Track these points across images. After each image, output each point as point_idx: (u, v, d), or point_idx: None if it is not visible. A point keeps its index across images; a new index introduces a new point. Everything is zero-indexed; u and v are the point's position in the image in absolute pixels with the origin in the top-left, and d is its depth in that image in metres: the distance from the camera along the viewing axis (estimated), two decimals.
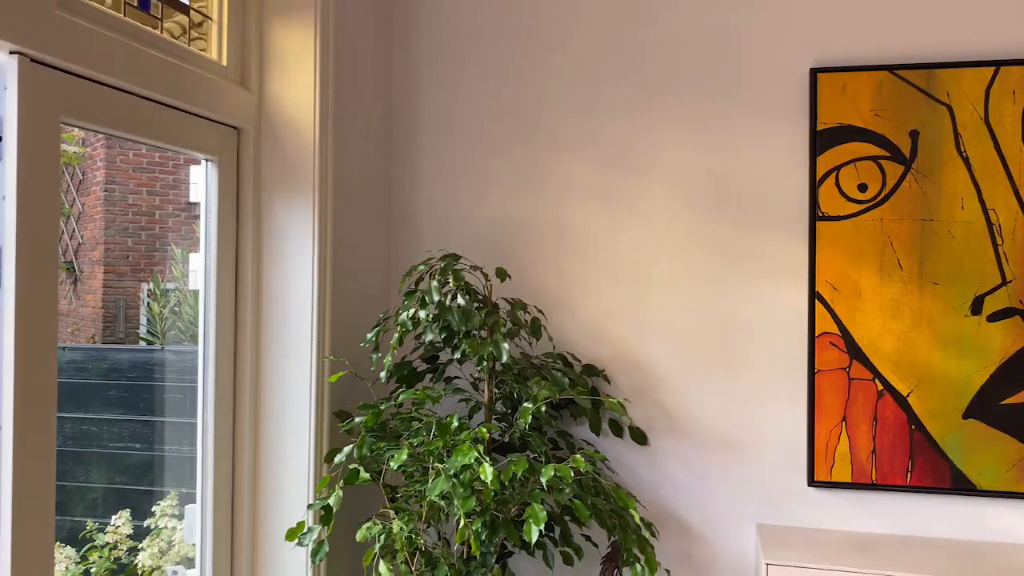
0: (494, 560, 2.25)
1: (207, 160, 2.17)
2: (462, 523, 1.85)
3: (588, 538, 2.33)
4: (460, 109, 2.70)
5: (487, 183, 2.67)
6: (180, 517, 3.13)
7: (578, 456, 1.96)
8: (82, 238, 4.92)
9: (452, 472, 1.91)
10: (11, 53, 1.51)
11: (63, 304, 4.12)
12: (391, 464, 1.93)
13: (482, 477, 1.91)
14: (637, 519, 1.98)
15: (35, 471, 1.53)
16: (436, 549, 2.23)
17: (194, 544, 2.25)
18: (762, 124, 2.48)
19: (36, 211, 1.54)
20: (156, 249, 8.35)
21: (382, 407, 2.20)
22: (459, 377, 2.48)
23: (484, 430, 2.03)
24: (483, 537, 2.16)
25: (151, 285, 4.27)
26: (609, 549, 2.30)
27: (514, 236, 2.64)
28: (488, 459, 1.96)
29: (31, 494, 1.52)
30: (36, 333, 1.54)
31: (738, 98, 2.50)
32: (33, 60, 1.55)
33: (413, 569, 2.11)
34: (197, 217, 2.32)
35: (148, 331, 3.99)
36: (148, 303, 4.09)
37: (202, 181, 2.22)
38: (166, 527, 3.03)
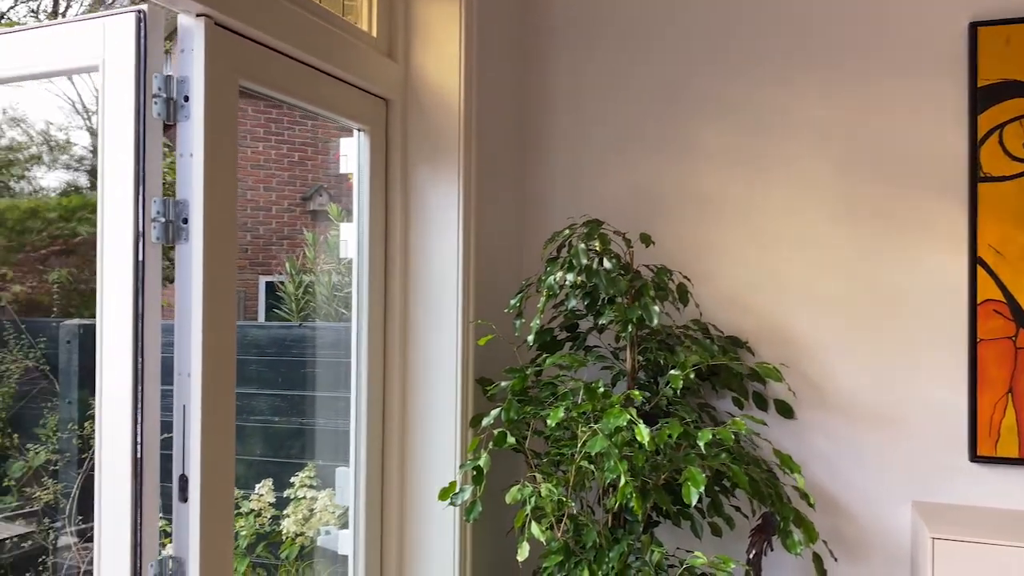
0: (641, 528, 2.23)
1: (359, 130, 2.23)
2: (623, 481, 1.83)
3: (738, 508, 2.28)
4: (594, 78, 2.69)
5: (623, 151, 2.65)
6: (317, 488, 3.23)
7: (738, 419, 1.91)
8: None
9: (607, 432, 1.90)
10: (198, 16, 1.58)
11: None
12: (548, 422, 1.94)
13: (637, 438, 1.89)
14: (801, 484, 1.92)
15: (219, 443, 1.60)
16: (582, 516, 2.22)
17: (344, 506, 2.31)
18: (917, 83, 2.37)
19: (219, 168, 1.61)
20: (273, 243, 8.64)
21: (527, 372, 2.20)
22: (598, 346, 2.47)
23: (636, 393, 2.01)
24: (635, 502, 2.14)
25: (287, 266, 4.41)
26: (759, 521, 2.25)
27: (650, 204, 2.61)
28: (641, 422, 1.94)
29: (216, 465, 1.59)
30: (221, 283, 1.61)
31: (891, 57, 2.40)
32: (217, 23, 1.62)
33: (560, 534, 2.11)
34: (314, 212, 2.38)
35: (284, 310, 4.15)
36: (283, 283, 4.25)
37: (353, 152, 2.28)
38: (305, 497, 3.14)
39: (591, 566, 2.14)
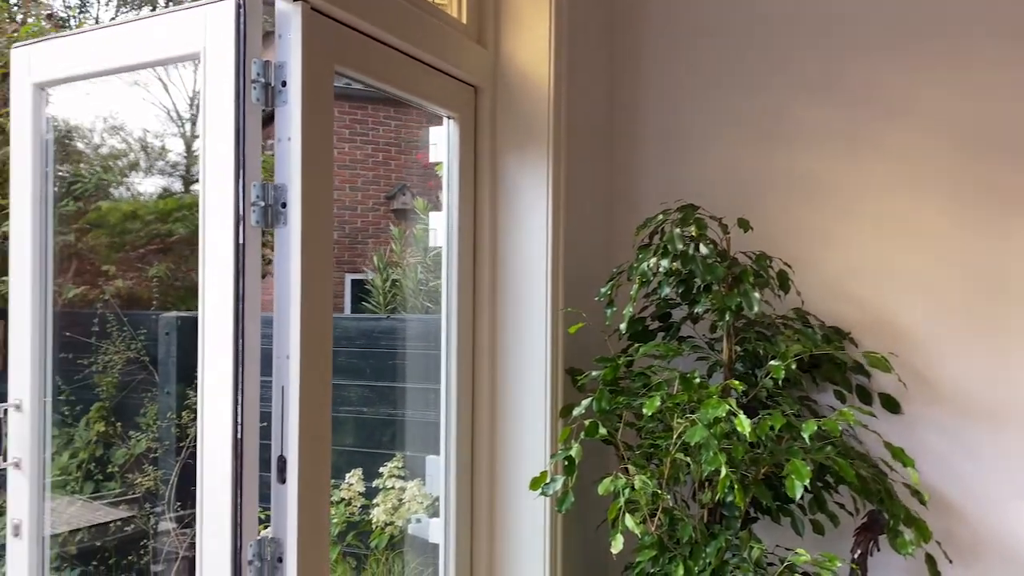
0: (739, 524, 2.15)
1: (449, 118, 2.22)
2: (723, 472, 1.77)
3: (842, 506, 2.18)
4: (684, 59, 2.62)
5: (716, 136, 2.57)
6: (406, 478, 3.25)
7: (846, 410, 1.82)
8: None
9: (705, 423, 1.83)
10: (295, 1, 1.59)
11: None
12: (644, 410, 1.88)
13: (738, 429, 1.82)
14: (915, 479, 1.81)
15: (316, 424, 1.61)
16: (676, 510, 2.16)
17: (434, 495, 2.31)
18: None
19: (316, 152, 1.62)
20: (358, 241, 8.78)
21: (619, 361, 2.16)
22: (692, 337, 2.40)
23: (736, 382, 1.94)
24: (733, 497, 2.07)
25: (375, 260, 4.48)
26: (865, 519, 2.14)
27: (746, 189, 2.52)
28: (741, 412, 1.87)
29: (313, 446, 1.60)
30: (318, 266, 1.62)
31: (1013, 29, 2.25)
32: (313, 8, 1.63)
33: (654, 528, 2.05)
34: (397, 211, 2.38)
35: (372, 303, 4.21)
36: (371, 277, 4.31)
37: (443, 141, 2.27)
38: (393, 487, 3.16)
39: (686, 562, 2.07)
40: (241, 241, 1.56)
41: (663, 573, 2.12)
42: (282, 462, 1.60)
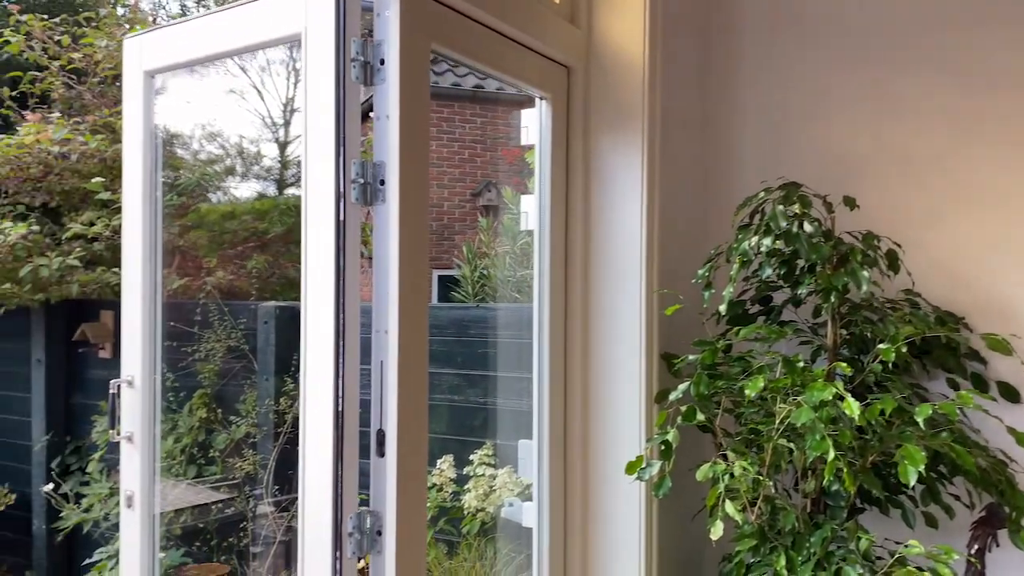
0: (844, 514, 2.07)
1: (541, 98, 2.20)
2: (831, 455, 1.69)
3: (957, 498, 2.06)
4: (781, 35, 2.53)
5: (816, 114, 2.48)
6: (496, 465, 3.25)
7: (964, 393, 1.72)
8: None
9: (812, 406, 1.76)
10: None
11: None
12: (747, 392, 1.83)
13: (846, 412, 1.74)
14: None
15: (413, 398, 1.61)
16: (778, 499, 2.09)
17: (527, 479, 2.30)
18: None
19: (413, 130, 1.63)
20: (445, 238, 8.88)
21: (718, 345, 2.10)
22: (794, 321, 2.32)
23: (843, 364, 1.86)
24: (839, 486, 1.99)
25: (464, 250, 4.51)
26: (983, 512, 2.02)
27: (850, 168, 2.42)
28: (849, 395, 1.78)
29: (411, 420, 1.61)
30: (415, 242, 1.63)
31: None
32: None
33: (754, 517, 1.99)
34: (483, 208, 2.36)
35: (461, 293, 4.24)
36: (459, 265, 4.35)
37: (535, 123, 2.26)
38: (484, 474, 3.16)
39: (788, 552, 2.00)
40: (342, 218, 1.58)
41: (764, 564, 2.05)
42: (381, 435, 1.61)
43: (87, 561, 4.01)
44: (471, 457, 3.24)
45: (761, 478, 1.92)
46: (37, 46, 4.61)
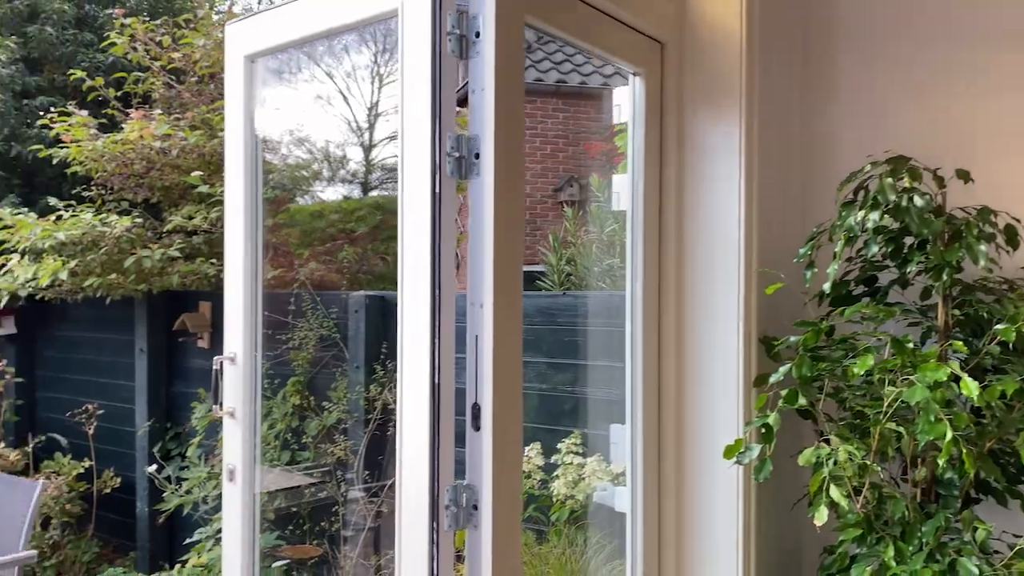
0: (958, 504, 1.96)
1: (634, 74, 2.16)
2: (948, 436, 1.60)
3: None
4: (884, 4, 2.42)
5: (922, 88, 2.36)
6: (583, 454, 3.22)
7: None
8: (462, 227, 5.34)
9: (926, 385, 1.67)
10: None
11: None
12: (856, 369, 1.75)
13: (964, 393, 1.65)
14: None
15: (509, 372, 1.60)
16: (886, 486, 2.00)
17: (619, 464, 2.26)
18: None
19: (508, 103, 1.62)
20: (527, 234, 8.89)
21: (821, 326, 2.02)
22: (901, 302, 2.21)
23: (959, 343, 1.77)
24: (952, 474, 1.89)
25: (550, 239, 4.51)
26: None
27: (954, 142, 2.29)
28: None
29: (506, 393, 1.60)
30: (510, 215, 1.62)
31: None
32: None
33: (860, 505, 1.90)
34: (565, 203, 2.32)
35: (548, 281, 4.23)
36: (546, 255, 4.34)
37: (627, 101, 2.22)
38: (572, 463, 3.14)
39: (897, 543, 1.91)
40: (437, 191, 1.59)
41: (870, 555, 1.96)
42: (476, 409, 1.61)
43: (188, 540, 4.17)
44: (558, 445, 3.22)
45: (868, 463, 1.84)
46: (140, 48, 4.81)
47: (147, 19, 4.97)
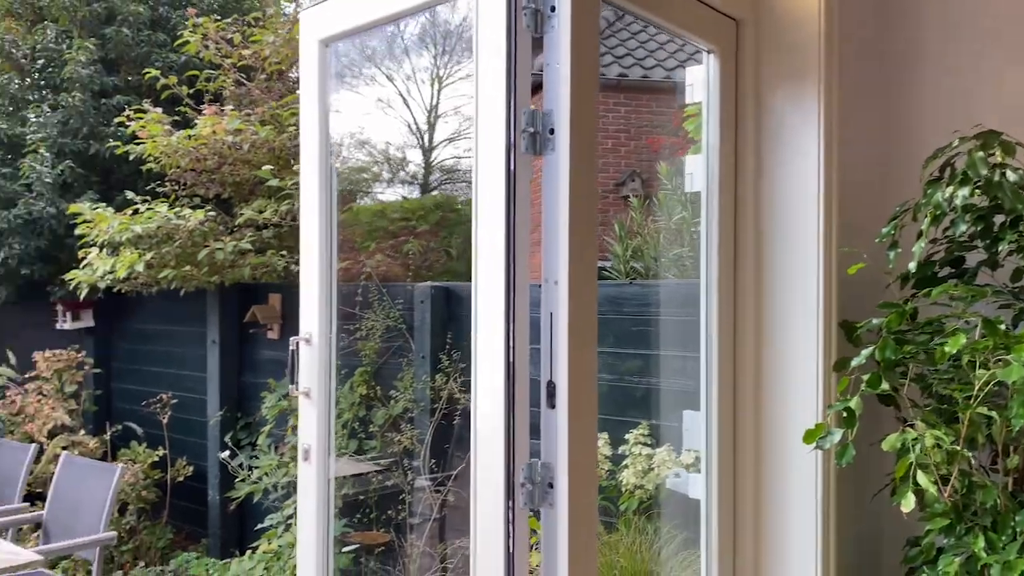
0: None
1: (708, 52, 2.12)
2: None
3: None
4: None
5: (1005, 58, 2.26)
6: (651, 445, 3.18)
7: None
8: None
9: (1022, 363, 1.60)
10: None
11: None
12: (946, 348, 1.68)
13: None
14: None
15: (583, 349, 1.58)
16: (975, 474, 1.91)
17: (691, 453, 2.23)
18: None
19: (583, 78, 1.60)
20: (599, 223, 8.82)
21: (906, 307, 1.95)
22: (990, 284, 2.12)
23: None
24: None
25: (615, 228, 4.48)
26: None
27: None
28: None
29: (581, 371, 1.58)
30: (584, 192, 1.60)
31: None
32: None
33: (946, 494, 1.83)
34: (626, 198, 2.28)
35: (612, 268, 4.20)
36: (612, 246, 4.32)
37: (700, 80, 2.18)
38: (640, 453, 3.10)
39: (987, 533, 1.83)
40: (512, 167, 1.58)
41: (958, 546, 1.89)
42: (551, 387, 1.59)
43: (259, 526, 4.25)
44: (626, 436, 3.18)
45: (957, 449, 1.76)
46: (211, 46, 4.93)
47: (218, 18, 5.09)
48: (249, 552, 4.18)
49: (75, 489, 3.94)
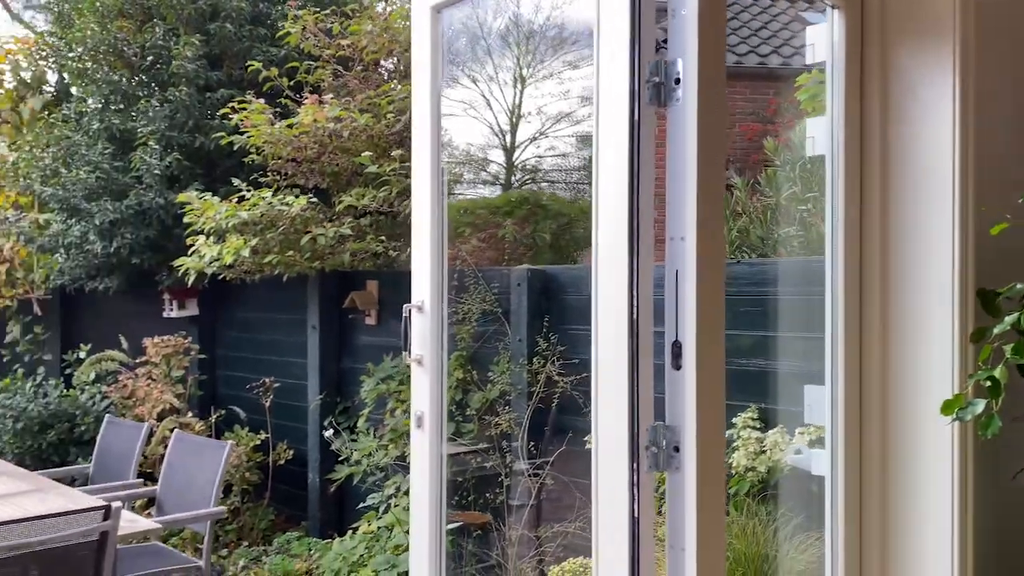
0: None
1: (831, 7, 2.03)
2: None
3: None
4: None
5: None
6: (761, 429, 3.07)
7: None
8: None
9: None
10: None
11: None
12: None
13: None
14: None
15: (711, 307, 1.53)
16: None
17: (792, 442, 2.13)
18: None
19: (710, 24, 1.54)
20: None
21: None
22: None
23: None
24: None
25: None
26: None
27: None
28: None
29: (709, 330, 1.52)
30: (712, 144, 1.54)
31: None
32: None
33: None
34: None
35: None
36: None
37: (822, 40, 2.09)
38: (749, 437, 3.00)
39: None
40: (636, 119, 1.53)
41: None
42: (677, 347, 1.54)
43: (361, 505, 4.31)
44: (733, 420, 3.08)
45: None
46: (311, 37, 5.03)
47: (316, 10, 5.19)
48: (350, 532, 4.25)
49: (186, 465, 4.08)
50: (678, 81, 1.54)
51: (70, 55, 6.03)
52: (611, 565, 1.55)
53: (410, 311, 2.05)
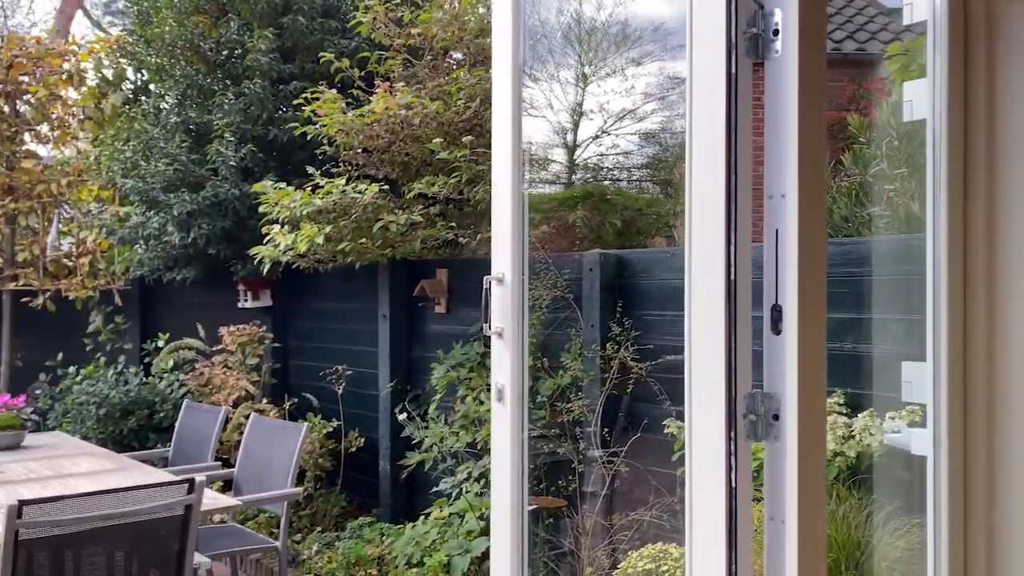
0: None
1: None
2: None
3: None
4: None
5: None
6: (848, 415, 2.96)
7: None
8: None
9: None
10: None
11: None
12: None
13: None
14: None
15: (812, 268, 1.45)
16: None
17: (880, 425, 2.03)
18: None
19: None
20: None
21: None
22: None
23: None
24: None
25: None
26: None
27: None
28: None
29: (810, 292, 1.45)
30: (812, 98, 1.47)
31: None
32: None
33: None
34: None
35: None
36: None
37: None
38: (835, 422, 2.89)
39: None
40: (733, 71, 1.47)
41: None
42: (777, 311, 1.47)
43: (433, 490, 4.32)
44: None
45: None
46: (381, 27, 5.06)
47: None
48: (421, 518, 4.26)
49: (263, 448, 4.14)
50: (776, 32, 1.47)
51: (148, 52, 6.20)
52: (706, 539, 1.49)
53: (490, 283, 2.02)
